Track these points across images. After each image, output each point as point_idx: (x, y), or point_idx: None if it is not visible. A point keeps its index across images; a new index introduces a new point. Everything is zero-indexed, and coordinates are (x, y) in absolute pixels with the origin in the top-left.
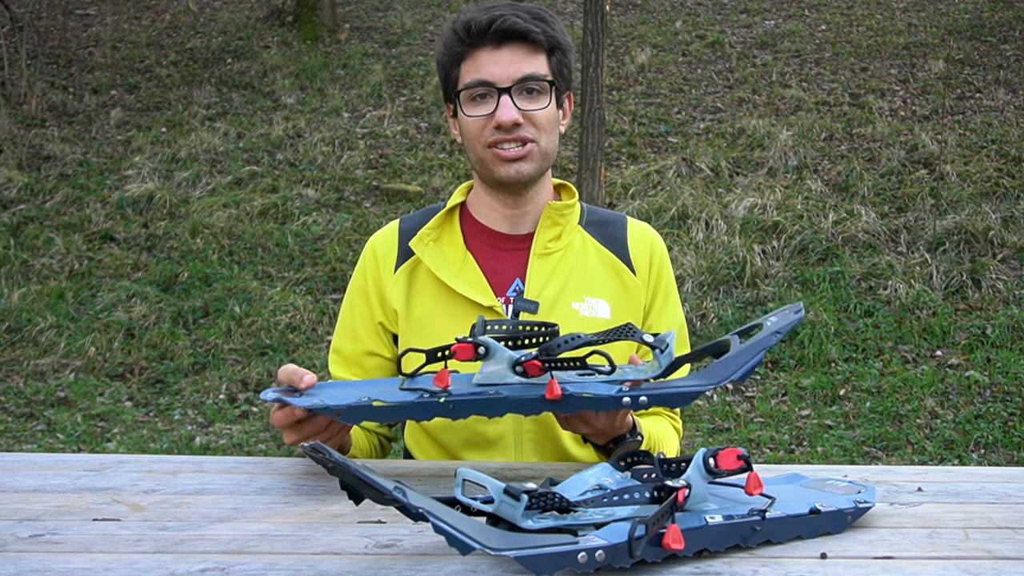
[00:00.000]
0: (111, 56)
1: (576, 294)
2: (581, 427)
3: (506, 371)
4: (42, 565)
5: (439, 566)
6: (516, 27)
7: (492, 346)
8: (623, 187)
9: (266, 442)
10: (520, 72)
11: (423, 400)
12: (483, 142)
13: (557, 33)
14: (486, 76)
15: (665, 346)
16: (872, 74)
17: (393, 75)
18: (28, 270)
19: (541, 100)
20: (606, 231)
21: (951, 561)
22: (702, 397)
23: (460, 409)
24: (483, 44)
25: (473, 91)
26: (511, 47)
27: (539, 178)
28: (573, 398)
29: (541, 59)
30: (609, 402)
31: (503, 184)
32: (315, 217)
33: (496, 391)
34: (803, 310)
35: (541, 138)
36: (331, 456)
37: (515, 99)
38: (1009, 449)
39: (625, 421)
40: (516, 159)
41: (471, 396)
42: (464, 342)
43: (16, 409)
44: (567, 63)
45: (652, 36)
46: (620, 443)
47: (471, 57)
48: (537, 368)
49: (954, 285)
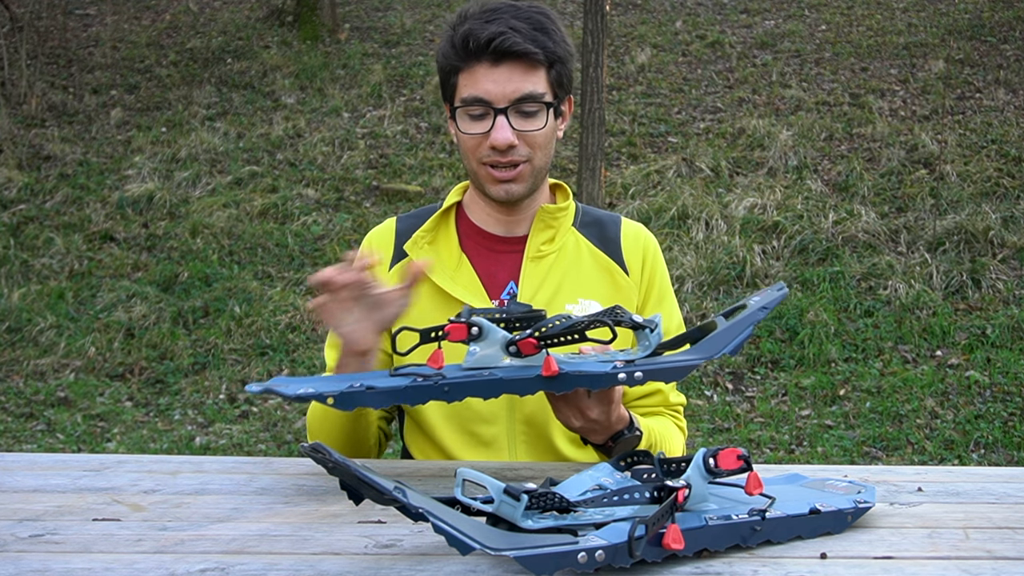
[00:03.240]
0: (111, 56)
1: (570, 296)
2: (575, 420)
3: (498, 353)
4: (42, 565)
5: (439, 566)
6: (515, 48)
7: (485, 326)
8: (623, 187)
9: (266, 442)
10: (517, 92)
11: (417, 384)
12: (477, 158)
13: (557, 45)
14: (483, 94)
15: (654, 326)
16: (872, 74)
17: (393, 75)
18: (28, 270)
19: (538, 120)
20: (600, 232)
21: (951, 561)
22: (702, 397)
23: (455, 391)
24: (481, 60)
25: (470, 108)
26: (509, 65)
27: (531, 194)
28: (568, 376)
29: (540, 75)
30: (604, 379)
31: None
32: (315, 217)
33: (491, 372)
34: (786, 288)
35: (536, 156)
36: (331, 456)
37: (511, 119)
38: (1009, 449)
39: (621, 416)
40: (507, 180)
41: (466, 378)
42: (457, 322)
43: (16, 409)
44: (567, 72)
45: (652, 36)
46: (619, 440)
47: (468, 71)
48: (531, 346)
49: (954, 285)
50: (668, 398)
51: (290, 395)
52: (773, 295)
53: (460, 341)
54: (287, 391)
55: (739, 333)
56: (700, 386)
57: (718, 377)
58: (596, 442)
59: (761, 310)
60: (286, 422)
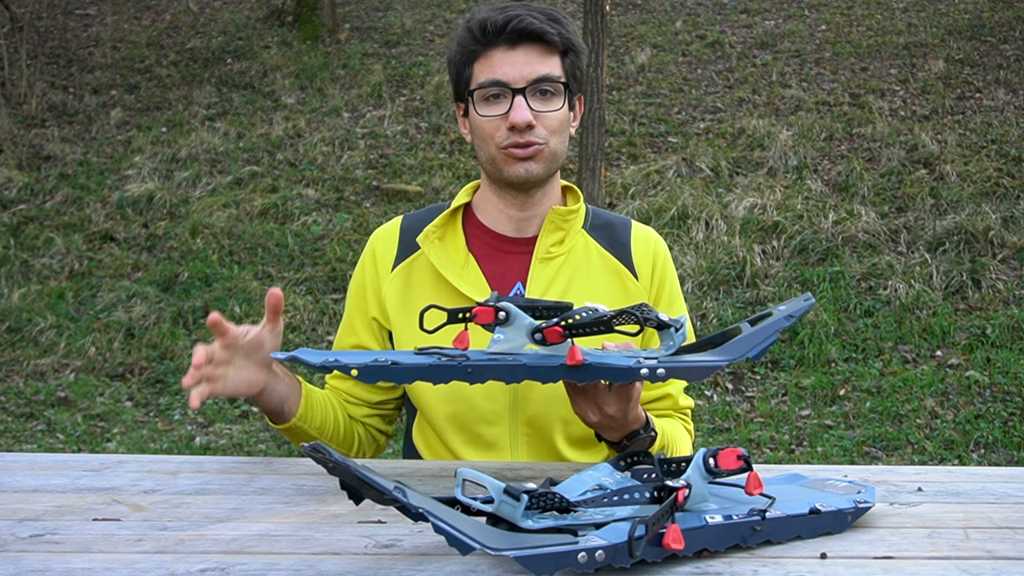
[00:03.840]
0: (111, 56)
1: (578, 299)
2: (592, 414)
3: (523, 339)
4: (42, 565)
5: (439, 566)
6: (532, 28)
7: (512, 311)
8: (623, 187)
9: (266, 442)
10: (535, 73)
11: (441, 363)
12: (496, 142)
13: (571, 35)
14: (500, 76)
15: (680, 326)
16: (872, 74)
17: (393, 75)
18: (28, 270)
19: (554, 102)
20: (610, 235)
21: (951, 561)
22: (702, 397)
23: (478, 373)
24: (498, 44)
25: (487, 91)
26: (526, 47)
27: (547, 179)
28: (592, 366)
29: (555, 60)
30: (627, 372)
31: (512, 184)
32: (315, 217)
33: (515, 358)
34: (812, 299)
35: (552, 140)
36: (331, 456)
37: (529, 100)
38: (1009, 449)
39: (638, 416)
40: (526, 159)
41: (490, 361)
42: (485, 305)
43: (16, 409)
44: (580, 65)
45: (652, 36)
46: (634, 439)
47: (485, 56)
48: (557, 335)
49: (954, 285)
50: (678, 402)
51: (315, 364)
52: (799, 304)
53: (486, 325)
54: (311, 360)
55: (764, 339)
56: (700, 386)
57: (718, 377)
58: (611, 439)
59: (787, 318)
60: None
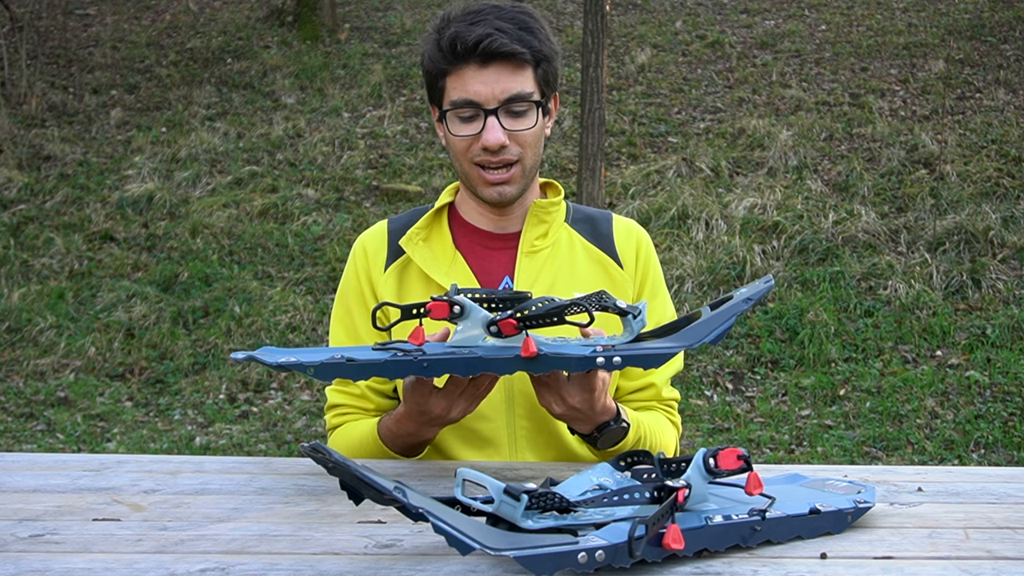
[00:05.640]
0: (111, 56)
1: (565, 290)
2: (556, 405)
3: (480, 333)
4: (42, 565)
5: (439, 566)
6: (503, 49)
7: (467, 305)
8: (623, 187)
9: (266, 442)
10: (506, 92)
11: (397, 358)
12: (468, 159)
13: (543, 44)
14: (472, 96)
15: (638, 312)
16: (872, 74)
17: (393, 75)
18: (28, 270)
19: (527, 119)
20: (592, 227)
21: (951, 561)
22: (702, 397)
23: (434, 367)
24: (469, 62)
25: (460, 111)
26: (497, 66)
27: (522, 194)
28: (547, 357)
29: (527, 74)
30: (583, 362)
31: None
32: (315, 217)
33: (471, 351)
34: (772, 280)
35: (526, 155)
36: (331, 456)
37: (501, 119)
38: (1009, 449)
39: (607, 407)
40: (500, 183)
41: (445, 355)
42: (439, 300)
43: (16, 409)
44: (553, 70)
45: (652, 36)
46: (604, 431)
47: (456, 73)
48: (512, 327)
49: (954, 285)
50: (661, 393)
51: (271, 363)
52: (759, 287)
53: (441, 319)
54: (269, 359)
55: (721, 323)
56: (700, 386)
57: (718, 377)
58: (582, 431)
59: (745, 301)
60: (286, 422)
